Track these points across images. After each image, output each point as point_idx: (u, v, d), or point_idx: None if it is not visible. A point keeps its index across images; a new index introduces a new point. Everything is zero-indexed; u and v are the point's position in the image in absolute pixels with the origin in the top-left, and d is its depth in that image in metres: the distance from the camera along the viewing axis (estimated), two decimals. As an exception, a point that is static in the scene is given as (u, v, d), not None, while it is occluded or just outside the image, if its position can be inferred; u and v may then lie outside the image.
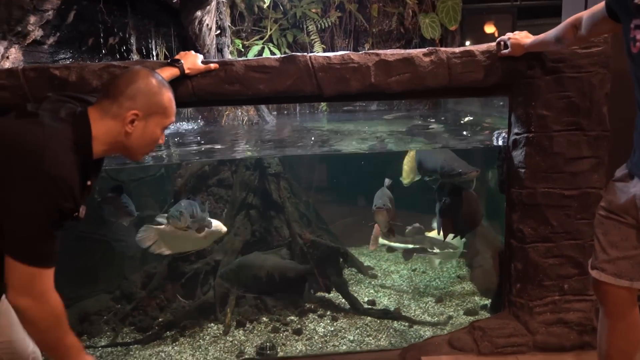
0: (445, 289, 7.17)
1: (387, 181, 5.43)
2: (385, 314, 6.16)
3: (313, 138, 5.98)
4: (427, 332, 5.70)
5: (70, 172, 1.97)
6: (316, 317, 6.27)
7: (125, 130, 2.24)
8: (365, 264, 8.25)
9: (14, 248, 1.91)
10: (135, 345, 5.70)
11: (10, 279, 1.93)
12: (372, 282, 7.53)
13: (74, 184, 1.97)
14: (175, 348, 5.62)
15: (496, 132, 4.99)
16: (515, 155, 3.91)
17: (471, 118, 6.93)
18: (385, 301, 6.79)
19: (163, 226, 4.47)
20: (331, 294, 6.86)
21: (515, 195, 4.02)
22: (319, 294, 6.76)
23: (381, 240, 6.58)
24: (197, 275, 6.38)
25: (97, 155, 2.20)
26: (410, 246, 6.58)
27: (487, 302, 6.48)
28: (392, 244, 6.65)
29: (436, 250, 6.65)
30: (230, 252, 6.54)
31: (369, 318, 6.17)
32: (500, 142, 4.59)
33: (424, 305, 6.58)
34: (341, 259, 6.89)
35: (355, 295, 6.67)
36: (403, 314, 6.23)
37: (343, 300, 6.61)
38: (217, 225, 4.64)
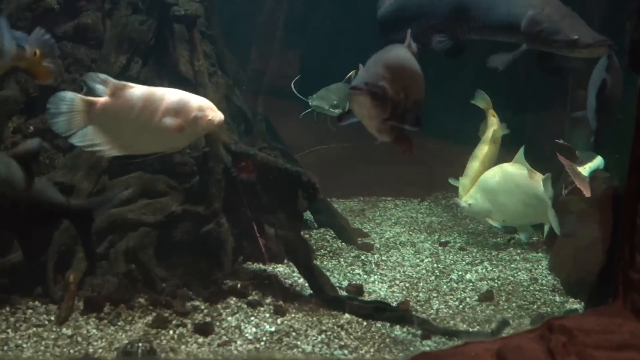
0: (500, 278, 7.24)
1: (411, 43, 4.92)
2: (379, 311, 6.14)
3: None
4: (458, 349, 5.67)
5: None
6: (244, 306, 6.25)
7: None
8: (354, 226, 8.48)
9: None
10: None
11: None
12: (363, 257, 7.67)
13: None
14: (-44, 342, 5.50)
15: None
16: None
17: None
18: (382, 290, 6.86)
19: (105, 99, 4.66)
20: (279, 267, 6.93)
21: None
22: (255, 264, 6.83)
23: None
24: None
25: None
26: None
27: (578, 306, 6.53)
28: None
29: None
30: (88, 169, 6.38)
31: (347, 316, 6.15)
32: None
33: (457, 303, 6.65)
34: (305, 200, 6.72)
35: (328, 274, 6.75)
36: (415, 313, 6.24)
37: (301, 280, 6.64)
38: (201, 106, 4.64)
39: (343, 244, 7.90)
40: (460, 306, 6.55)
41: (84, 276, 6.08)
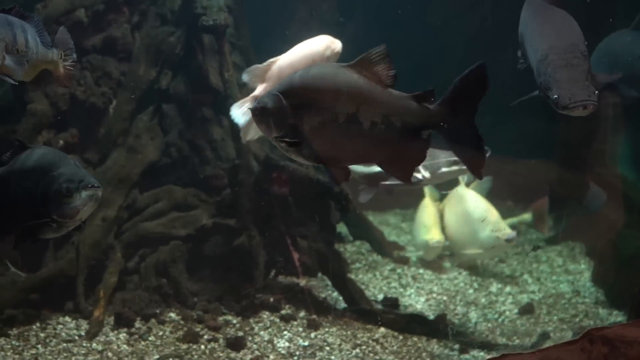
0: (541, 291, 7.21)
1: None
2: (416, 324, 6.14)
3: None
4: (497, 363, 5.65)
5: None
6: (276, 320, 6.26)
7: None
8: (390, 239, 8.50)
9: None
10: None
11: None
12: (399, 270, 7.64)
13: None
14: (-14, 358, 5.56)
15: None
16: None
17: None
18: (419, 303, 6.85)
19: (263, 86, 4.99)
20: (312, 280, 6.89)
21: None
22: (288, 278, 6.79)
23: None
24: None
25: None
26: None
27: (623, 318, 6.43)
28: None
29: None
30: (118, 182, 6.46)
31: (382, 329, 6.14)
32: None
33: (497, 316, 6.62)
34: (337, 212, 6.78)
35: (363, 287, 6.74)
36: (452, 327, 6.22)
37: (334, 293, 6.62)
38: (328, 43, 5.14)
39: (379, 257, 7.88)
40: (500, 319, 6.51)
41: (115, 291, 6.14)
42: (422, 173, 5.84)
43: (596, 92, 4.38)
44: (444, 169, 6.01)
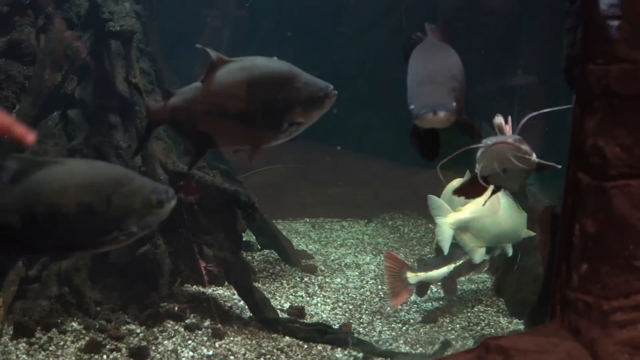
0: (444, 300, 7.31)
1: None
2: (321, 334, 6.16)
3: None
4: (400, 371, 5.74)
5: None
6: (181, 329, 6.21)
7: None
8: (298, 248, 8.56)
9: None
10: None
11: None
12: (307, 279, 7.68)
13: None
14: None
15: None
16: (605, -7, 3.74)
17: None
18: (325, 312, 6.89)
19: None
20: (219, 289, 6.91)
21: (597, 78, 3.75)
22: (194, 287, 6.79)
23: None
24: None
25: None
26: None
27: (523, 327, 6.55)
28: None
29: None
30: None
31: (287, 338, 6.16)
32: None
33: (400, 325, 6.70)
34: (244, 221, 6.72)
35: (270, 296, 6.77)
36: (357, 336, 6.26)
37: (241, 302, 6.60)
38: None
39: (286, 265, 7.91)
40: (404, 328, 6.57)
41: (15, 300, 5.99)
42: None
43: (454, 104, 4.27)
44: None
